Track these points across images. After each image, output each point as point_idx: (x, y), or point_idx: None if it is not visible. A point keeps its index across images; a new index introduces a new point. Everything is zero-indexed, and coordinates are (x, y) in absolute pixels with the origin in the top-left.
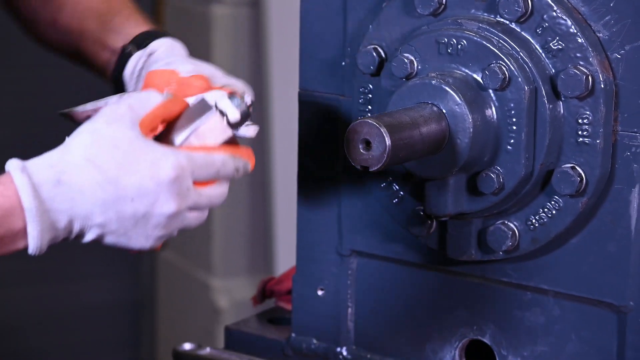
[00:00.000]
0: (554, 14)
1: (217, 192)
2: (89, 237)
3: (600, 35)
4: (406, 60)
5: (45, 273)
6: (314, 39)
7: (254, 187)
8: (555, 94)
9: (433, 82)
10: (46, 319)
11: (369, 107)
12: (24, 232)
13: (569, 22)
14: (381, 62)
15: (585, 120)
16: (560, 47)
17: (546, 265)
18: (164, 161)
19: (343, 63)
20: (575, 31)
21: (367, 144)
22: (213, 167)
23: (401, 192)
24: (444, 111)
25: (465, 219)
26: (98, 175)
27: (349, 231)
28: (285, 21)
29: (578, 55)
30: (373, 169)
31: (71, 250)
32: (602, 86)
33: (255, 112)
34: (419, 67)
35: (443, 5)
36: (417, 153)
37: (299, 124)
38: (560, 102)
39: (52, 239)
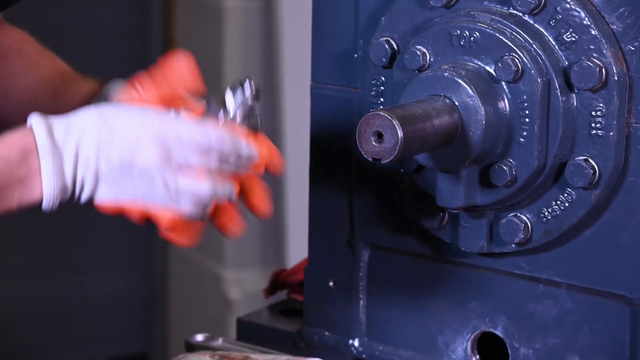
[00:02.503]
0: (568, 5)
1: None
2: (87, 189)
3: (614, 27)
4: (419, 53)
5: (58, 265)
6: (326, 32)
7: (265, 178)
8: (569, 86)
9: (445, 74)
10: (58, 311)
11: (381, 99)
12: (39, 173)
13: (583, 14)
14: (393, 55)
15: (598, 113)
16: (573, 39)
17: (559, 258)
18: (156, 113)
19: (355, 55)
20: (588, 23)
21: (379, 136)
22: (204, 137)
23: (413, 185)
24: (457, 103)
25: (478, 211)
26: (99, 122)
27: (361, 223)
28: (297, 14)
29: (591, 47)
30: (385, 161)
31: (84, 242)
32: (616, 78)
33: (267, 105)
34: (432, 59)
35: None
36: (429, 145)
37: (311, 117)
38: (574, 95)
39: (62, 188)
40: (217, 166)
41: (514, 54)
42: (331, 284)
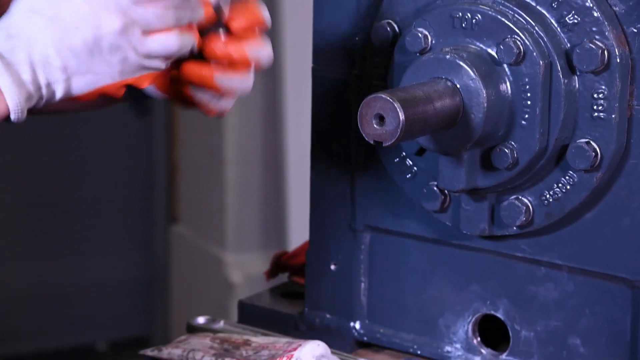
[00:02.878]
0: None
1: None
2: (58, 88)
3: (617, 9)
4: (420, 35)
5: (58, 249)
6: (328, 14)
7: (267, 161)
8: (571, 69)
9: (447, 56)
10: (59, 294)
11: (383, 82)
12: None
13: None
14: (395, 37)
15: (600, 95)
16: (575, 21)
17: (560, 240)
18: None
19: (357, 38)
20: (591, 5)
21: (381, 119)
22: None
23: (415, 167)
24: (458, 86)
25: (479, 194)
26: (40, 20)
27: (362, 206)
28: None
29: (594, 29)
30: (387, 144)
31: (85, 225)
32: (618, 61)
33: (269, 88)
34: (433, 41)
35: None
36: (430, 128)
37: (312, 100)
38: (576, 77)
39: (27, 97)
40: (175, 20)
41: (515, 36)
42: (332, 266)
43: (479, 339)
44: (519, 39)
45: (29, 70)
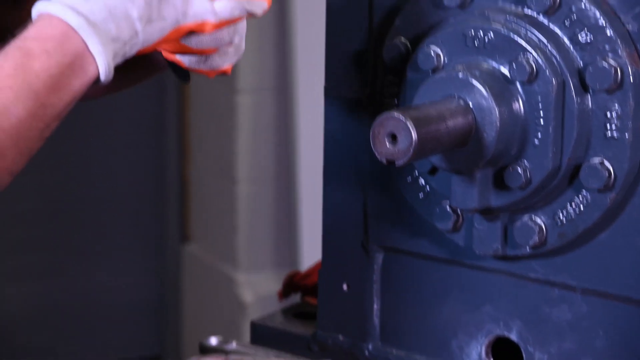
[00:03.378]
0: (583, 5)
1: None
2: (138, 40)
3: (630, 27)
4: (432, 53)
5: (68, 267)
6: (340, 33)
7: (279, 180)
8: (584, 87)
9: (459, 75)
10: (71, 314)
11: (395, 100)
12: (88, 52)
13: (598, 14)
14: (407, 55)
15: (613, 114)
16: (588, 39)
17: (574, 261)
18: None
19: (369, 57)
20: (604, 23)
21: (393, 138)
22: None
23: (427, 187)
24: (471, 104)
25: (492, 213)
26: None
27: (375, 226)
28: (310, 14)
29: (607, 47)
30: (399, 163)
31: (97, 244)
32: (631, 80)
33: (281, 107)
34: (446, 59)
35: None
36: (443, 146)
37: (324, 118)
38: (589, 96)
39: (114, 53)
40: None
41: (528, 54)
42: (345, 287)
43: None
44: (531, 57)
45: (114, 27)
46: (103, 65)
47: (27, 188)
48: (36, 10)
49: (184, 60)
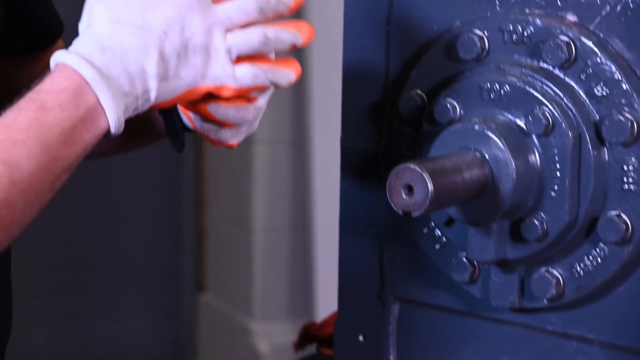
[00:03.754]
0: (598, 60)
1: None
2: (152, 96)
3: None
4: (448, 106)
5: (83, 316)
6: (356, 85)
7: (294, 230)
8: (600, 140)
9: (476, 127)
10: None
11: (411, 152)
12: (99, 106)
13: (614, 68)
14: (423, 107)
15: (630, 167)
16: (604, 93)
17: (592, 314)
18: None
19: (385, 108)
20: (619, 77)
21: (410, 190)
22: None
23: (444, 238)
24: (487, 157)
25: (509, 265)
26: (129, 29)
27: (391, 277)
28: (328, 65)
29: (623, 101)
30: (415, 214)
31: (110, 293)
32: None
33: (297, 157)
34: (462, 112)
35: (486, 51)
36: (459, 198)
37: (340, 169)
38: (605, 149)
39: (125, 107)
40: (258, 11)
41: (544, 107)
42: (361, 338)
43: None
44: (547, 110)
45: (127, 82)
46: (113, 119)
47: (46, 236)
48: (54, 59)
49: (195, 121)
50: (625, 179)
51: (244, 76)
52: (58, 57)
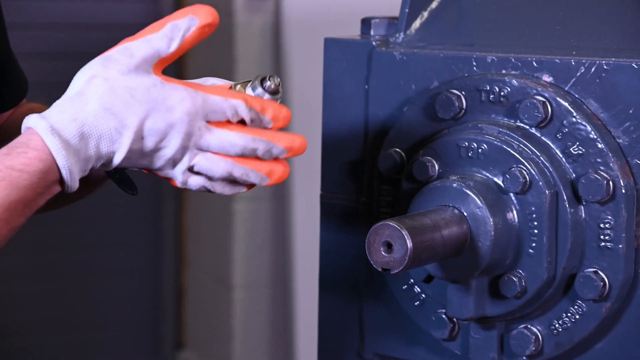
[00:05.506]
0: (574, 119)
1: (229, 136)
2: (113, 164)
3: (620, 141)
4: (427, 164)
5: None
6: (336, 142)
7: (275, 286)
8: (577, 199)
9: (454, 185)
10: None
11: (390, 209)
12: (57, 181)
13: (589, 128)
14: (402, 165)
15: (607, 225)
16: (580, 152)
17: None
18: (179, 107)
19: (364, 166)
20: (595, 137)
21: (389, 247)
22: (227, 110)
23: (423, 295)
24: (465, 214)
25: (488, 322)
26: (116, 123)
27: (371, 334)
28: (307, 124)
29: (598, 160)
30: (394, 271)
31: (92, 350)
32: (623, 191)
33: (277, 214)
34: (440, 170)
35: (463, 110)
36: (438, 255)
37: (320, 226)
38: (582, 207)
39: (83, 172)
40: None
41: (521, 165)
42: None
43: None
44: (524, 168)
45: (95, 161)
46: (68, 183)
47: (27, 300)
48: (25, 123)
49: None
50: (602, 236)
51: (192, 184)
52: (40, 127)
